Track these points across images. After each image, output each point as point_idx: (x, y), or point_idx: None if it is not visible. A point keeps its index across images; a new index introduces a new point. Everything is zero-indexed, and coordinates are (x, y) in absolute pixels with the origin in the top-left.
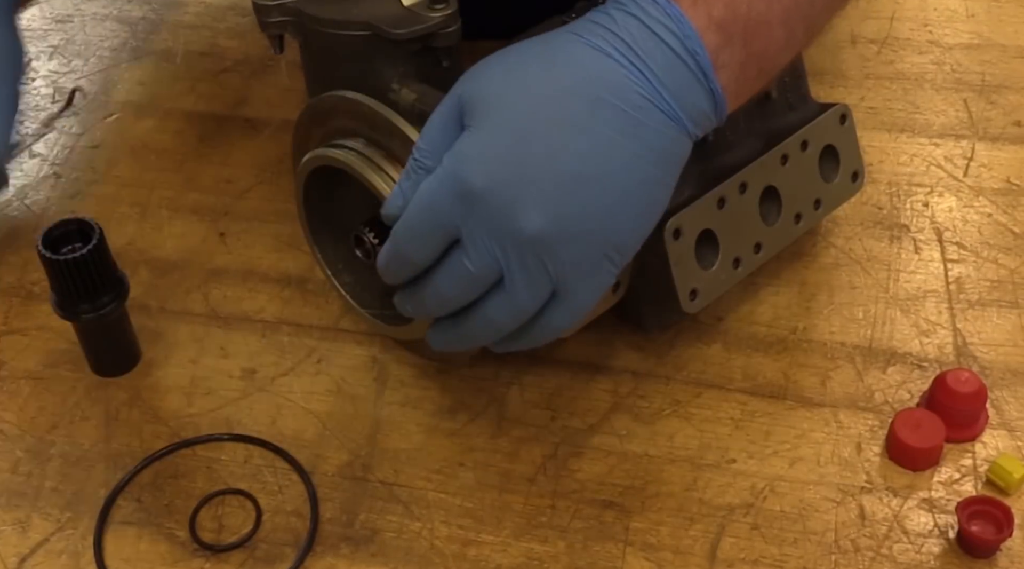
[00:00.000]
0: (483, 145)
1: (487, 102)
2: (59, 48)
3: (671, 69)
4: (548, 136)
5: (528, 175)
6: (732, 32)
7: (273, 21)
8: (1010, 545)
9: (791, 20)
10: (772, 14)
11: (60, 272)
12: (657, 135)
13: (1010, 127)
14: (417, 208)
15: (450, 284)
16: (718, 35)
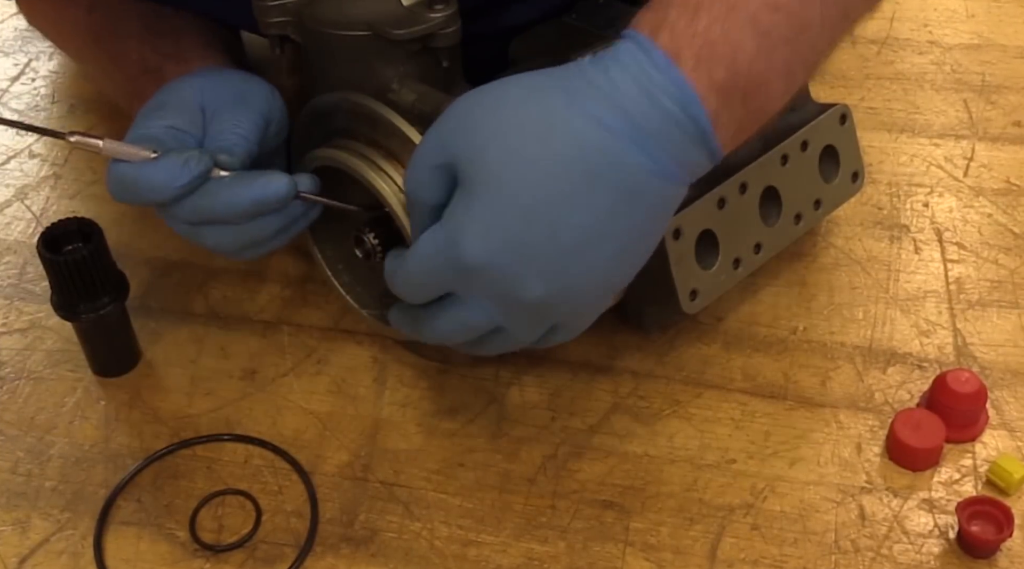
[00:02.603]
0: (482, 219)
1: (484, 170)
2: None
3: (671, 135)
4: (548, 213)
5: (529, 252)
6: (732, 94)
7: (273, 21)
8: (1010, 545)
9: (792, 70)
10: (773, 70)
11: (60, 272)
12: (655, 198)
13: (1010, 127)
14: (415, 269)
15: (448, 327)
16: (719, 98)
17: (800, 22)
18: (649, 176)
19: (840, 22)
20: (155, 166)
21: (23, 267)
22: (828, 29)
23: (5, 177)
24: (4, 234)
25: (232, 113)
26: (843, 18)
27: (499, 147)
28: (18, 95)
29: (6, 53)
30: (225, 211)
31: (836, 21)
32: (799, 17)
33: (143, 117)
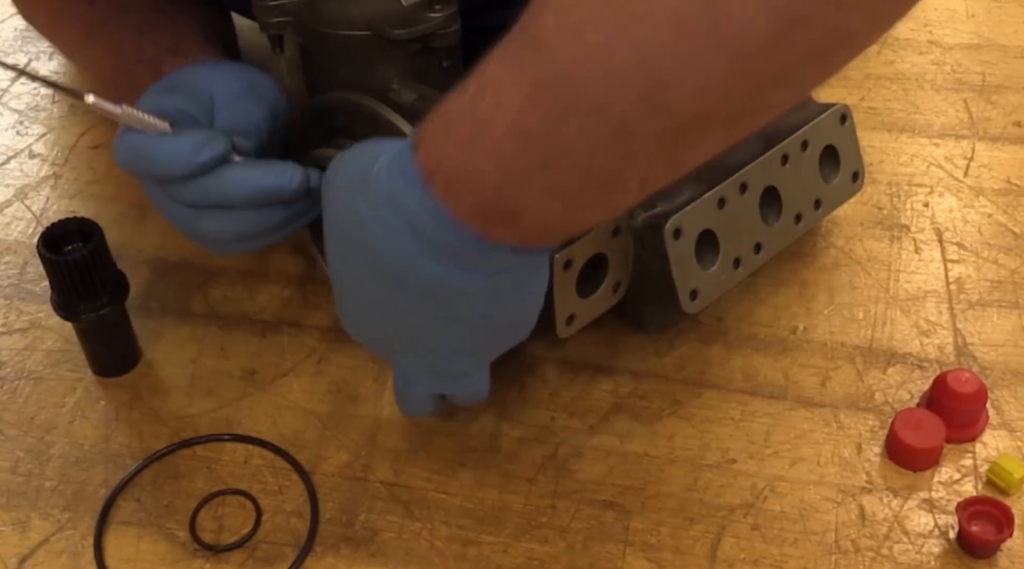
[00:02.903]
0: (339, 304)
1: (330, 263)
2: None
3: (450, 249)
4: (373, 309)
5: (376, 335)
6: (491, 218)
7: (273, 21)
8: (1010, 545)
9: (567, 192)
10: (530, 197)
11: (60, 272)
12: (463, 293)
13: (1010, 127)
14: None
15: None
16: (479, 221)
17: (554, 148)
18: (449, 280)
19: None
20: (174, 140)
21: (23, 267)
22: (606, 149)
23: (5, 177)
24: (4, 234)
25: (243, 103)
26: (623, 135)
27: (331, 246)
28: (18, 95)
29: (6, 53)
30: (236, 195)
31: (610, 141)
32: (551, 143)
33: (152, 94)
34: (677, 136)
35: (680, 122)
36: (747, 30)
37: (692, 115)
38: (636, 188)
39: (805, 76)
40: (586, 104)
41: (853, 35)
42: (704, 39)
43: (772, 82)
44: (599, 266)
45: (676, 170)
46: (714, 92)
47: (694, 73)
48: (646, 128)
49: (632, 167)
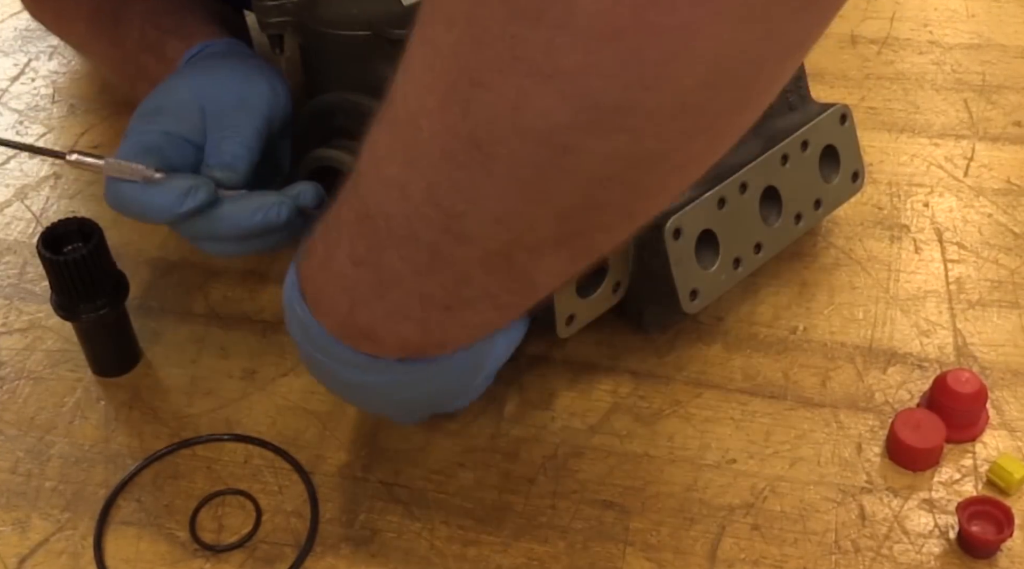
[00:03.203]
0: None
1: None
2: (59, 48)
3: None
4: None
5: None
6: (355, 338)
7: (273, 21)
8: (1010, 545)
9: (414, 315)
10: (380, 321)
11: (60, 272)
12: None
13: (1010, 127)
14: None
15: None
16: (347, 338)
17: (384, 275)
18: (350, 377)
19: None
20: (157, 190)
21: (23, 267)
22: (431, 276)
23: (5, 177)
24: (4, 234)
25: (232, 117)
26: (443, 263)
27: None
28: (18, 95)
29: (6, 53)
30: (227, 234)
31: (431, 268)
32: (380, 270)
33: (140, 119)
34: (503, 260)
35: (492, 248)
36: (516, 161)
37: (503, 241)
38: (489, 308)
39: (614, 199)
40: (396, 235)
41: (648, 158)
42: (478, 172)
43: (573, 208)
44: (599, 266)
45: (528, 288)
46: (512, 221)
47: (480, 204)
48: (461, 256)
49: (469, 289)
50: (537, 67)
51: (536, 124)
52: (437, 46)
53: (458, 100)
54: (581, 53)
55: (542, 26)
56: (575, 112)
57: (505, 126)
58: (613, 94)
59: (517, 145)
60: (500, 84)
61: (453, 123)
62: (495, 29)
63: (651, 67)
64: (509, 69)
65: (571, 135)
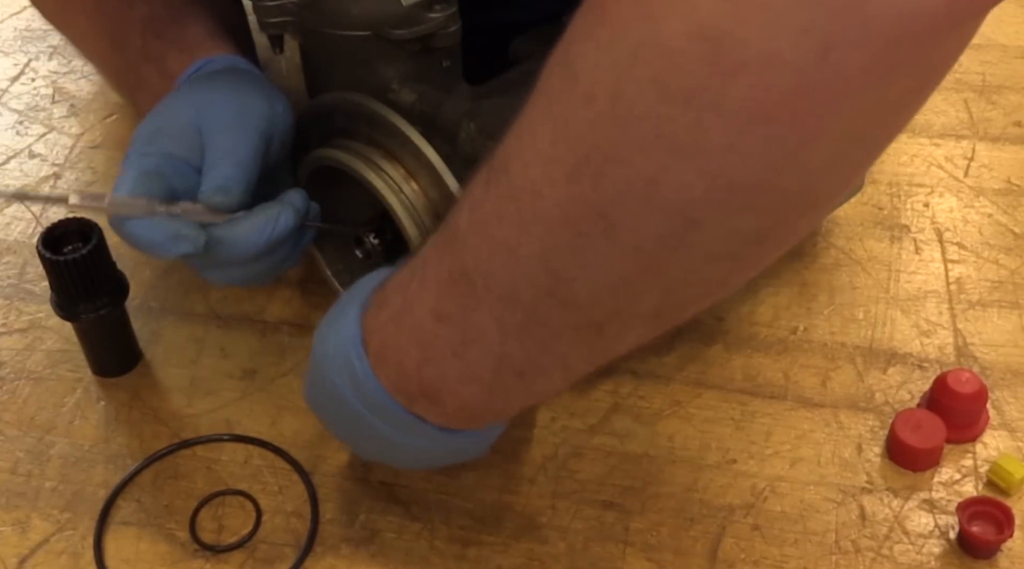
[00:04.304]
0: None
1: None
2: (59, 48)
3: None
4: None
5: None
6: (414, 395)
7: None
8: (1010, 546)
9: (481, 376)
10: (446, 379)
11: (60, 272)
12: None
13: (1011, 127)
14: None
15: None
16: (403, 396)
17: (468, 333)
18: (386, 433)
19: (533, 330)
20: (161, 228)
21: (23, 267)
22: (519, 338)
23: (5, 177)
24: (4, 234)
25: (229, 137)
26: (535, 326)
27: (308, 382)
28: (18, 95)
29: (6, 53)
30: (233, 258)
31: (521, 331)
32: (465, 328)
33: (140, 142)
34: (595, 329)
35: (592, 317)
36: (640, 233)
37: (604, 311)
38: (559, 377)
39: (719, 275)
40: (495, 294)
41: (760, 236)
42: (599, 241)
43: (682, 282)
44: None
45: (601, 359)
46: (620, 291)
47: (594, 272)
48: (558, 320)
49: (549, 356)
50: (680, 145)
51: (669, 198)
52: (569, 121)
53: (590, 173)
54: (727, 134)
55: (692, 108)
56: (711, 190)
57: (637, 199)
58: (751, 174)
59: (646, 217)
60: (639, 161)
61: (581, 194)
62: (640, 109)
63: (790, 150)
64: (651, 147)
65: (702, 210)
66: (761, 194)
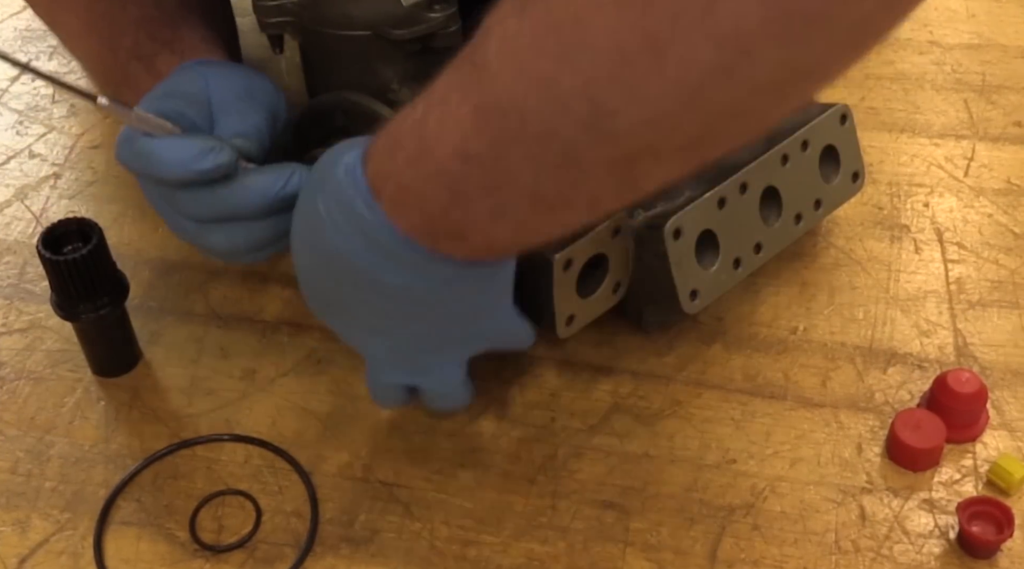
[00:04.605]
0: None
1: (292, 246)
2: (59, 48)
3: (400, 255)
4: (327, 299)
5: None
6: (438, 236)
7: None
8: (1010, 546)
9: (514, 213)
10: (475, 219)
11: (60, 272)
12: (408, 290)
13: (1010, 127)
14: None
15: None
16: (425, 237)
17: (499, 173)
18: (402, 284)
19: (568, 166)
20: (180, 143)
21: (23, 267)
22: (553, 175)
23: (5, 177)
24: (4, 234)
25: (242, 106)
26: (570, 162)
27: (293, 234)
28: (18, 95)
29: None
30: (248, 205)
31: (556, 168)
32: (496, 168)
33: (151, 99)
34: (628, 163)
35: (628, 150)
36: (690, 62)
37: (641, 144)
38: (585, 209)
39: (760, 108)
40: (530, 131)
41: (808, 70)
42: (647, 70)
43: (723, 114)
44: (599, 266)
45: (630, 194)
46: (661, 123)
47: (638, 103)
48: (593, 155)
49: (581, 191)
50: None
51: (724, 26)
52: None
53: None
54: None
55: None
56: (768, 19)
57: (690, 25)
58: (809, 5)
59: (697, 46)
60: None
61: (632, 19)
62: None
63: None
64: None
65: (754, 41)
66: (818, 25)
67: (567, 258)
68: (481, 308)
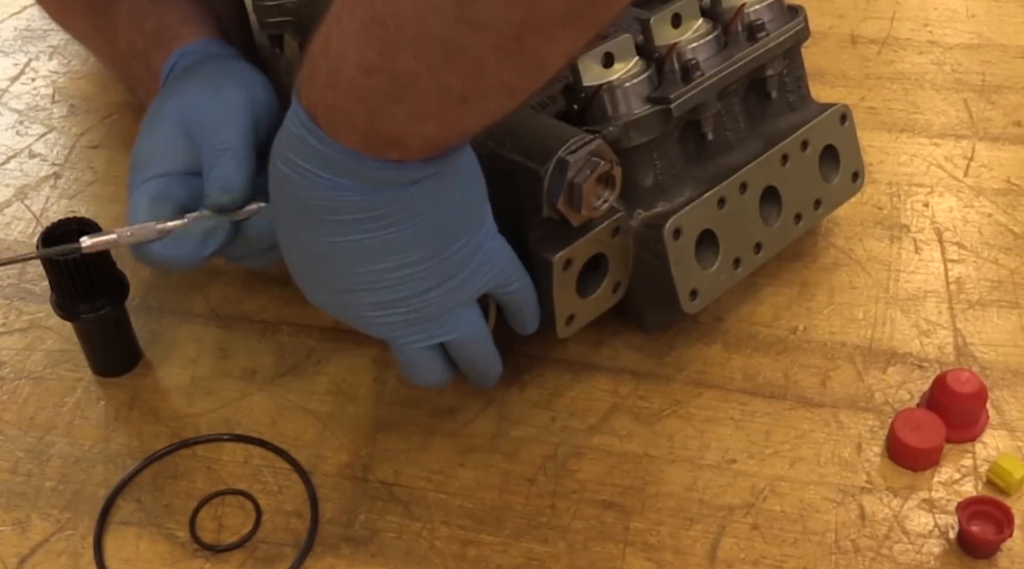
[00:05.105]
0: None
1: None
2: (59, 48)
3: (364, 173)
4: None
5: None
6: (380, 147)
7: (273, 21)
8: (1010, 545)
9: (439, 113)
10: (403, 125)
11: (60, 272)
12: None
13: (1010, 127)
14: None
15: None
16: (370, 149)
17: (399, 78)
18: (376, 202)
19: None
20: (179, 241)
21: (23, 267)
22: (448, 71)
23: (5, 177)
24: (4, 234)
25: (217, 135)
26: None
27: (276, 219)
28: (18, 95)
29: (6, 53)
30: (262, 246)
31: (446, 63)
32: (395, 74)
33: (136, 171)
34: (515, 44)
35: (506, 32)
36: None
37: (515, 23)
38: (502, 95)
39: None
40: (409, 34)
41: None
42: None
43: None
44: (599, 266)
45: (538, 72)
46: (522, 0)
47: None
48: (476, 43)
49: (485, 80)
50: None
51: None
52: None
53: None
54: None
55: None
56: None
57: None
58: None
59: None
60: None
61: None
62: None
63: None
64: None
65: None
66: None
67: (567, 258)
68: (465, 218)
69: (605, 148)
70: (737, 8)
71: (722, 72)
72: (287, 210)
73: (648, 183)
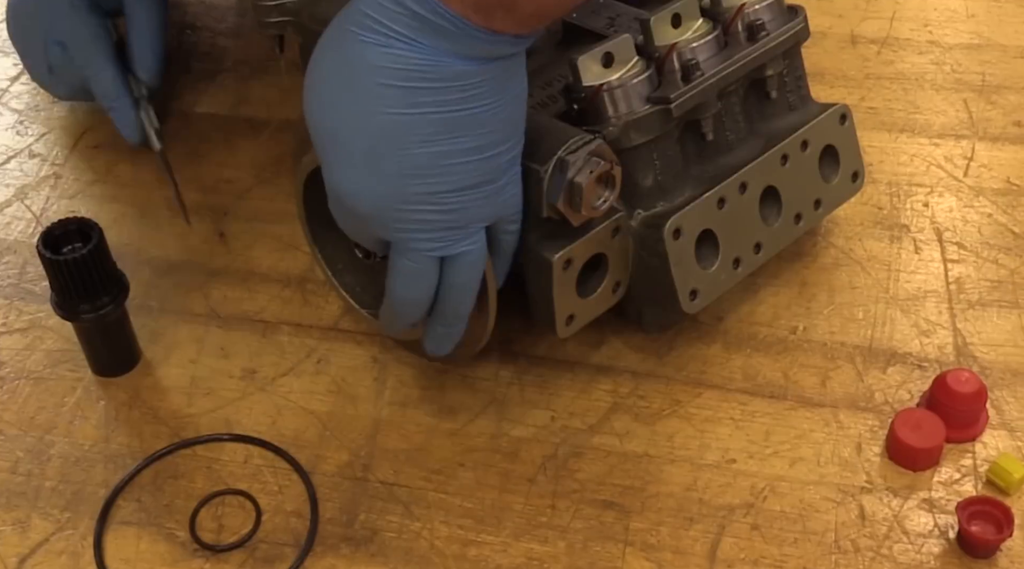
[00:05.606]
0: (330, 173)
1: (319, 137)
2: None
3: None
4: (372, 153)
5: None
6: (489, 9)
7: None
8: (1010, 545)
9: None
10: None
11: (60, 272)
12: (444, 89)
13: (1010, 127)
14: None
15: (398, 287)
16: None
17: None
18: (456, 70)
19: None
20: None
21: (23, 267)
22: None
23: (5, 177)
24: (4, 234)
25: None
26: None
27: (320, 110)
28: (18, 95)
29: (6, 53)
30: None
31: None
32: None
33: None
34: None
35: None
36: None
37: None
38: None
39: None
40: None
41: None
42: None
43: None
44: (599, 266)
45: None
46: None
47: None
48: None
49: None
50: None
51: None
52: None
53: None
54: None
55: None
56: None
57: None
58: None
59: None
60: None
61: None
62: None
63: None
64: None
65: None
66: None
67: (567, 258)
68: (514, 120)
69: (605, 148)
70: (737, 8)
71: (722, 72)
72: (349, 78)
73: (648, 183)
